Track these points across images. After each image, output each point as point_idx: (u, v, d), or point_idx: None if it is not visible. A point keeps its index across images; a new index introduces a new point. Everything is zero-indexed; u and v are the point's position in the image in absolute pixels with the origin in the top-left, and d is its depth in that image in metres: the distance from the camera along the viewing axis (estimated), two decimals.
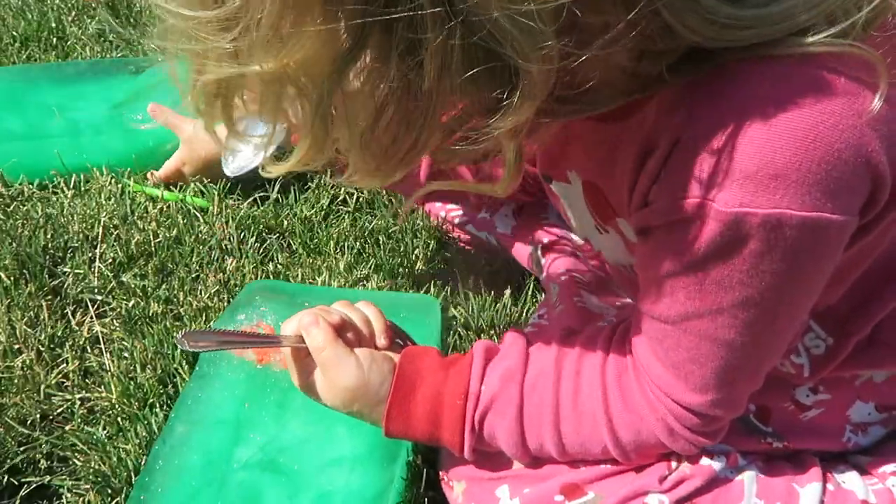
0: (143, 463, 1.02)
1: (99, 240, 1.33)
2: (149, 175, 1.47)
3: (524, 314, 1.22)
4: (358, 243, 1.32)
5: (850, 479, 0.89)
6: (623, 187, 0.74)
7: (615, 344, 0.85)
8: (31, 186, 1.46)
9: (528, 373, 0.86)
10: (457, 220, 1.29)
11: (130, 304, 1.23)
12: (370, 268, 1.28)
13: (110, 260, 1.31)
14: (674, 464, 0.86)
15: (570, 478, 0.86)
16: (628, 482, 0.86)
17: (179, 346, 0.92)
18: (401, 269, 1.28)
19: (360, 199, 1.40)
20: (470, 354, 0.89)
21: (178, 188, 1.43)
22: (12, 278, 1.27)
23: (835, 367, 0.85)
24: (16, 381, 1.14)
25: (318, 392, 0.90)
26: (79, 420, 1.10)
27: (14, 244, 1.31)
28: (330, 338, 0.88)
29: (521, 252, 1.23)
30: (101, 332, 1.21)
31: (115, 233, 1.35)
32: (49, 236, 1.33)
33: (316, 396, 0.90)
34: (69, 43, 1.86)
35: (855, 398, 0.90)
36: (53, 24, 1.89)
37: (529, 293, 1.24)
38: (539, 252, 1.19)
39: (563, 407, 0.84)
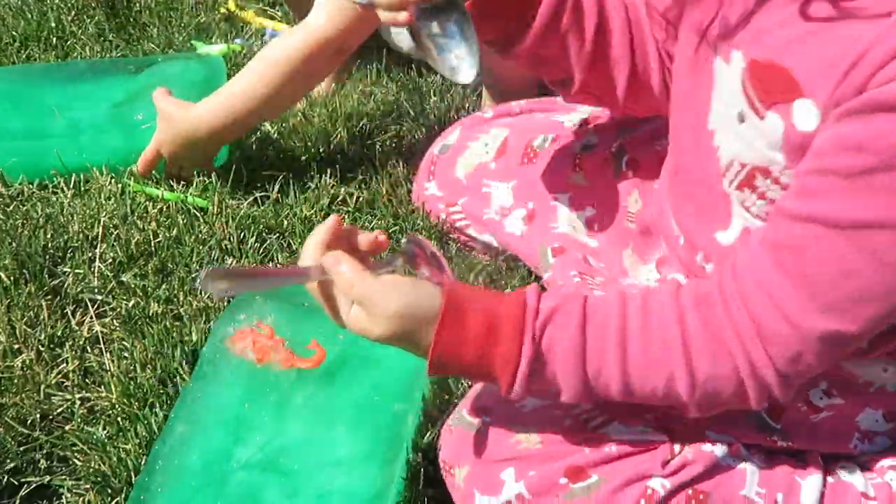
0: (143, 463, 1.03)
1: (99, 240, 1.33)
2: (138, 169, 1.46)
3: None
4: None
5: (849, 474, 0.90)
6: (837, 65, 0.69)
7: (689, 281, 0.81)
8: (31, 186, 1.46)
9: (589, 298, 0.82)
10: (460, 223, 1.29)
11: (130, 304, 1.23)
12: None
13: (110, 260, 1.31)
14: (676, 447, 0.86)
15: (575, 461, 0.86)
16: (631, 466, 0.86)
17: (200, 287, 0.84)
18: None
19: (360, 199, 1.40)
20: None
21: (180, 185, 1.43)
22: (12, 278, 1.27)
23: (890, 348, 0.84)
24: (16, 381, 1.14)
25: (362, 326, 0.83)
26: (79, 420, 1.10)
27: (14, 244, 1.31)
28: (357, 270, 0.82)
29: (530, 251, 1.22)
30: (101, 332, 1.21)
31: (115, 233, 1.35)
32: (49, 236, 1.33)
33: (360, 330, 0.83)
34: (69, 43, 1.86)
35: (865, 405, 0.90)
36: (53, 24, 1.89)
37: None
38: (549, 252, 1.18)
39: (631, 327, 0.79)
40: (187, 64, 1.69)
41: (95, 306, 1.25)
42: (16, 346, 1.18)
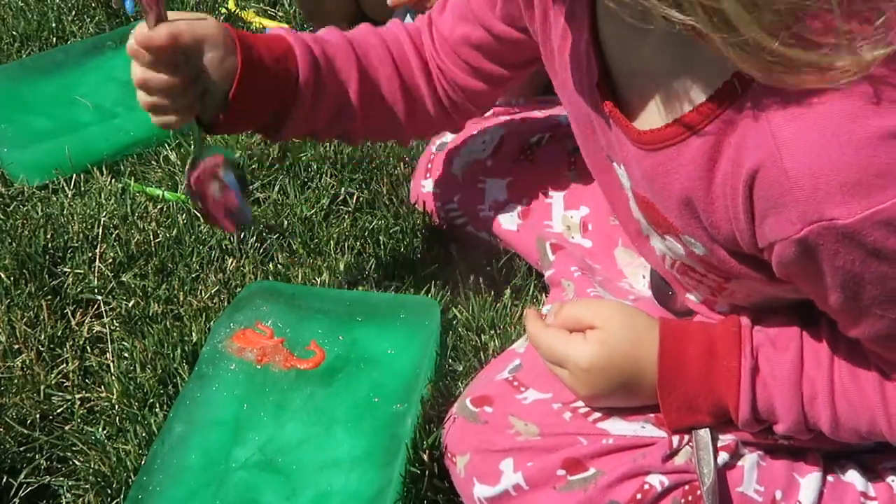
0: (142, 463, 1.03)
1: (99, 240, 1.33)
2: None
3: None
4: (358, 243, 1.32)
5: (849, 473, 0.89)
6: (712, 215, 0.74)
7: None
8: (30, 186, 1.46)
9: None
10: (457, 221, 1.28)
11: (130, 304, 1.24)
12: (370, 268, 1.28)
13: (110, 260, 1.31)
14: (675, 442, 0.86)
15: (573, 452, 0.86)
16: (630, 460, 0.86)
17: None
18: (401, 270, 1.28)
19: (361, 199, 1.40)
20: None
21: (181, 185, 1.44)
22: (12, 278, 1.27)
23: None
24: (16, 381, 1.14)
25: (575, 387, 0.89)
26: (78, 420, 1.10)
27: (14, 244, 1.31)
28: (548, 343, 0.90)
29: (527, 246, 1.22)
30: (101, 332, 1.21)
31: (115, 233, 1.35)
32: (49, 236, 1.33)
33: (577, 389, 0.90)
34: (69, 43, 1.86)
35: None
36: (53, 24, 1.89)
37: (530, 293, 1.23)
38: (548, 247, 1.18)
39: (839, 366, 0.83)
40: None
41: (95, 306, 1.25)
42: (16, 346, 1.18)
